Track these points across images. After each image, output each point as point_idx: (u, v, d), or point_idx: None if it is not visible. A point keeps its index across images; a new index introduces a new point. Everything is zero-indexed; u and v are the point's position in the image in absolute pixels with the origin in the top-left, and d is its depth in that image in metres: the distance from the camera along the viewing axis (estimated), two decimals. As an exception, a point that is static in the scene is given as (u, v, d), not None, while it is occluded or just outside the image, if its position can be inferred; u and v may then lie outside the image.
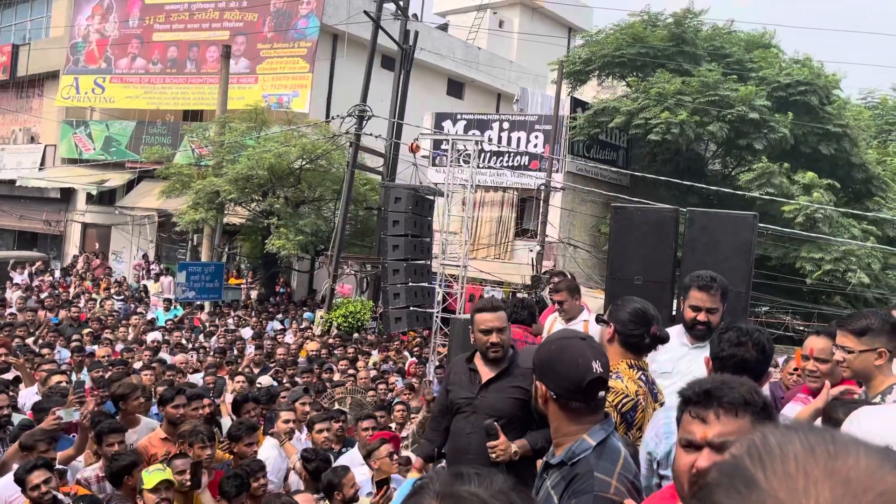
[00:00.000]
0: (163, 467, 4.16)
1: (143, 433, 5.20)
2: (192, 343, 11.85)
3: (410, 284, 12.16)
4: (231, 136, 18.23)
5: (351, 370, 9.86)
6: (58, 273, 21.60)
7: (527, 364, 2.91)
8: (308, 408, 6.34)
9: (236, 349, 11.37)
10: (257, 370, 9.52)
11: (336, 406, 7.44)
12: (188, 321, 14.15)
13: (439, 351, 12.35)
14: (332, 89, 22.17)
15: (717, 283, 3.39)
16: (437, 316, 12.53)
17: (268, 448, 5.28)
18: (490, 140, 18.68)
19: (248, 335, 12.95)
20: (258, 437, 5.33)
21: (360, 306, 15.40)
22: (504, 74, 27.22)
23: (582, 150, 18.96)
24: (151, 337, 11.66)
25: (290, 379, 8.98)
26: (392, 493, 4.27)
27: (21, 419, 5.42)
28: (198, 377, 8.62)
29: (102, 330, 11.57)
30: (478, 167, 13.58)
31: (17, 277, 18.46)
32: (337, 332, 14.44)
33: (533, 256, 17.43)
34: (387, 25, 16.55)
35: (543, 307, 6.63)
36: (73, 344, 9.59)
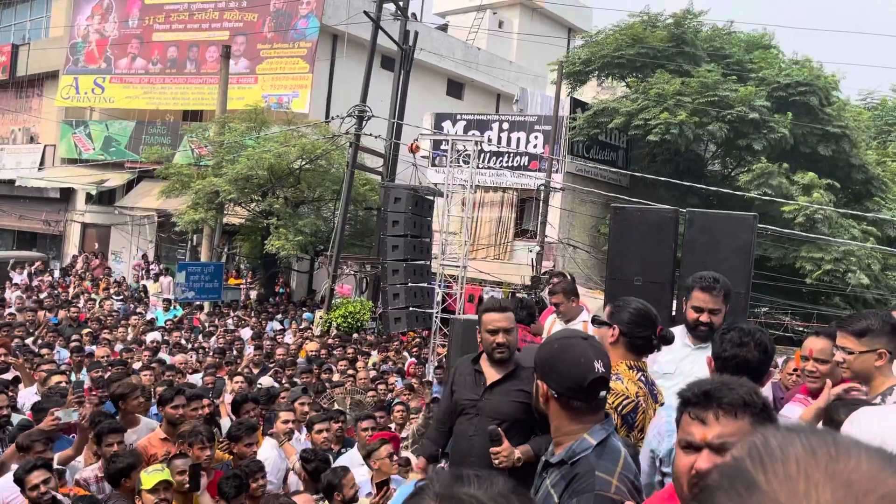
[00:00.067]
0: (161, 468, 4.16)
1: (143, 433, 5.19)
2: (192, 343, 11.85)
3: (410, 285, 12.16)
4: (231, 137, 18.22)
5: (350, 370, 9.84)
6: (57, 273, 21.58)
7: (527, 363, 2.90)
8: (307, 408, 6.33)
9: (235, 349, 11.36)
10: (257, 370, 9.51)
11: (335, 406, 7.44)
12: (187, 321, 14.14)
13: (439, 351, 12.35)
14: (332, 89, 22.16)
15: (720, 285, 3.40)
16: (437, 316, 12.53)
17: (267, 448, 5.28)
18: (490, 140, 18.67)
19: (248, 335, 12.93)
20: (258, 438, 5.32)
21: (360, 307, 15.38)
22: (504, 75, 27.22)
23: (581, 151, 18.96)
24: (151, 337, 11.66)
25: (290, 379, 8.97)
26: (392, 494, 4.27)
27: (20, 419, 5.41)
28: (197, 377, 8.63)
29: (102, 330, 11.56)
30: (477, 167, 13.58)
31: (17, 277, 18.46)
32: (336, 333, 14.43)
33: (532, 257, 17.43)
34: (386, 26, 16.55)
35: (543, 307, 6.62)
36: (73, 344, 9.58)
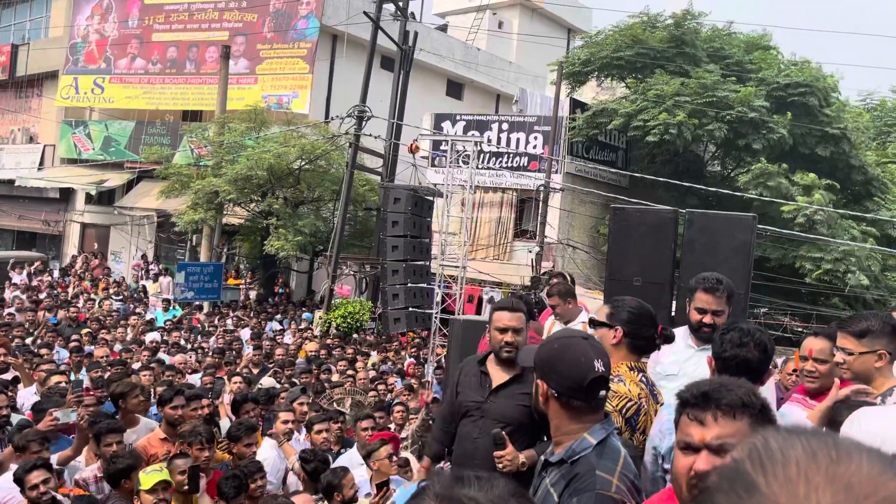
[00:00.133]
0: (160, 468, 4.16)
1: (143, 433, 5.19)
2: (191, 343, 11.84)
3: (409, 285, 12.15)
4: (230, 137, 18.21)
5: (350, 371, 9.84)
6: (56, 273, 21.56)
7: (528, 363, 2.90)
8: (306, 408, 6.33)
9: (234, 350, 11.35)
10: (256, 371, 9.50)
11: (335, 406, 7.43)
12: (187, 321, 14.14)
13: (438, 352, 12.34)
14: (332, 90, 22.15)
15: (724, 286, 3.39)
16: (436, 317, 12.52)
17: (266, 449, 5.27)
18: (489, 141, 18.67)
19: (247, 336, 12.91)
20: (257, 438, 5.32)
21: (359, 307, 15.38)
22: (503, 75, 27.21)
23: (581, 151, 18.96)
24: (150, 337, 11.65)
25: (289, 380, 8.96)
26: (392, 494, 4.27)
27: (20, 419, 5.41)
28: (196, 378, 8.62)
29: (101, 330, 11.55)
30: (477, 168, 13.58)
31: (16, 277, 18.45)
32: (336, 333, 14.43)
33: (532, 257, 17.44)
34: (386, 26, 16.55)
35: (543, 307, 6.61)
36: (72, 344, 9.57)
